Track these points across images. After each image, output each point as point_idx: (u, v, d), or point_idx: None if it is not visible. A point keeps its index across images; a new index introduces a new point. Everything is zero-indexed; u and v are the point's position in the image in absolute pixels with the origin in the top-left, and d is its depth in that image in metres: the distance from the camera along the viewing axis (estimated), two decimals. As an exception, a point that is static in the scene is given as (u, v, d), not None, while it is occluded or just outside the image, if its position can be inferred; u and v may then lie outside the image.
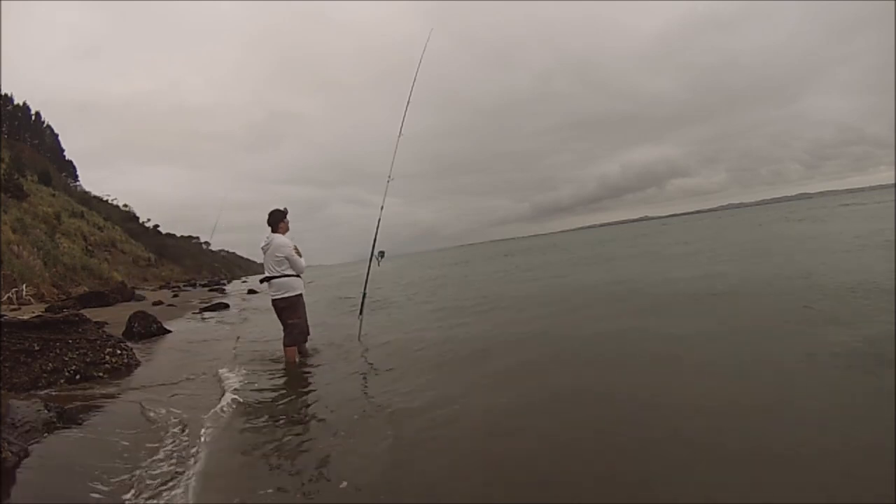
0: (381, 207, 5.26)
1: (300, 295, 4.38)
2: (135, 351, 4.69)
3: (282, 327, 4.41)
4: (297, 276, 4.34)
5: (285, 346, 4.32)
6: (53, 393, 3.44)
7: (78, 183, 61.30)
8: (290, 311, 4.32)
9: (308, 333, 4.49)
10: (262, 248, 4.35)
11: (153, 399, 3.25)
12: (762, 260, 8.47)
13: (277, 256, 4.27)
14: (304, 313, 4.43)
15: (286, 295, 4.30)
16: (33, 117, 62.25)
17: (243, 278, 59.24)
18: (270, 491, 1.96)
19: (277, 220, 4.37)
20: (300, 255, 4.35)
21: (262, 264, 4.47)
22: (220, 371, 4.06)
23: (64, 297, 13.74)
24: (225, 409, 3.02)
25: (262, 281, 4.43)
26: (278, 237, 4.34)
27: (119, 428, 2.61)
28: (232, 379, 3.77)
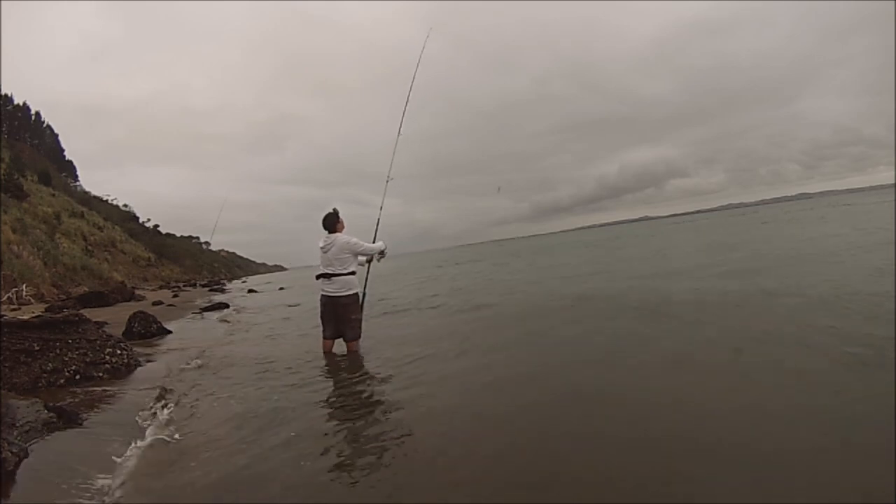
0: (381, 207, 5.31)
1: (358, 293, 4.62)
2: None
3: (323, 325, 4.59)
4: (355, 274, 4.59)
5: (348, 340, 4.53)
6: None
7: (78, 183, 61.41)
8: (352, 307, 4.54)
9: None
10: (322, 248, 4.51)
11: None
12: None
13: (343, 255, 4.47)
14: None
15: (349, 292, 4.51)
16: (33, 117, 62.29)
17: (243, 278, 59.31)
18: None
19: (333, 222, 4.58)
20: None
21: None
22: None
23: (64, 297, 13.73)
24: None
25: (318, 277, 4.60)
26: (340, 236, 4.52)
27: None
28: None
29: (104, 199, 58.30)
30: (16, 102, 59.62)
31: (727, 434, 2.11)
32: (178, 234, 73.63)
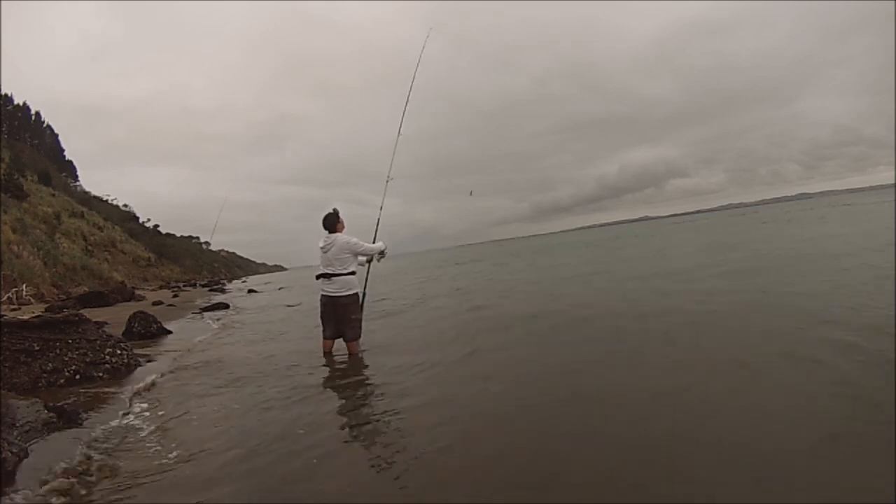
0: (381, 207, 5.32)
1: (358, 293, 4.61)
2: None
3: (323, 325, 4.58)
4: (355, 274, 4.58)
5: (348, 340, 4.50)
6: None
7: (78, 183, 61.39)
8: (352, 307, 4.53)
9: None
10: (322, 248, 4.51)
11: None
12: None
13: (343, 255, 4.46)
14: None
15: (349, 292, 4.51)
16: (33, 117, 62.26)
17: (243, 278, 59.33)
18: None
19: (334, 222, 4.58)
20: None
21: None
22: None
23: (64, 297, 13.74)
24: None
25: (318, 277, 4.61)
26: (340, 236, 4.51)
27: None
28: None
29: (104, 199, 58.30)
30: (16, 102, 59.63)
31: (727, 434, 2.11)
32: (178, 234, 73.66)
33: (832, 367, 2.80)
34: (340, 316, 4.52)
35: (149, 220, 61.25)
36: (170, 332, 6.98)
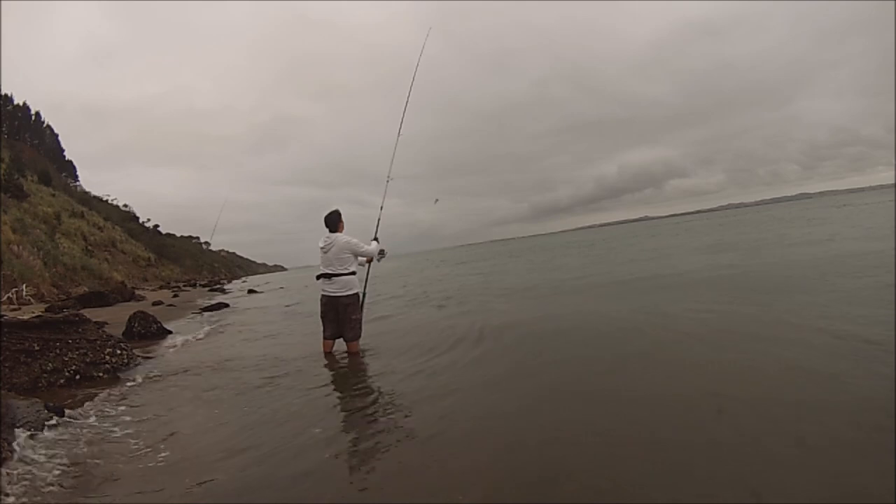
0: (381, 207, 5.32)
1: (358, 293, 4.63)
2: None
3: (323, 325, 4.59)
4: (355, 274, 4.61)
5: (349, 340, 4.52)
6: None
7: (78, 183, 61.36)
8: (353, 307, 4.55)
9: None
10: (322, 248, 4.53)
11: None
12: None
13: (343, 255, 4.49)
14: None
15: (349, 292, 4.53)
16: (33, 117, 62.23)
17: (243, 278, 59.38)
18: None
19: (336, 221, 4.60)
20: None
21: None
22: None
23: (64, 297, 13.75)
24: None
25: (318, 277, 4.62)
26: (340, 236, 4.54)
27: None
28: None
29: (104, 199, 58.30)
30: (16, 102, 59.60)
31: (731, 435, 2.11)
32: (178, 234, 73.70)
33: (834, 367, 2.79)
34: (341, 316, 4.52)
35: (149, 220, 61.34)
36: (170, 332, 6.98)
